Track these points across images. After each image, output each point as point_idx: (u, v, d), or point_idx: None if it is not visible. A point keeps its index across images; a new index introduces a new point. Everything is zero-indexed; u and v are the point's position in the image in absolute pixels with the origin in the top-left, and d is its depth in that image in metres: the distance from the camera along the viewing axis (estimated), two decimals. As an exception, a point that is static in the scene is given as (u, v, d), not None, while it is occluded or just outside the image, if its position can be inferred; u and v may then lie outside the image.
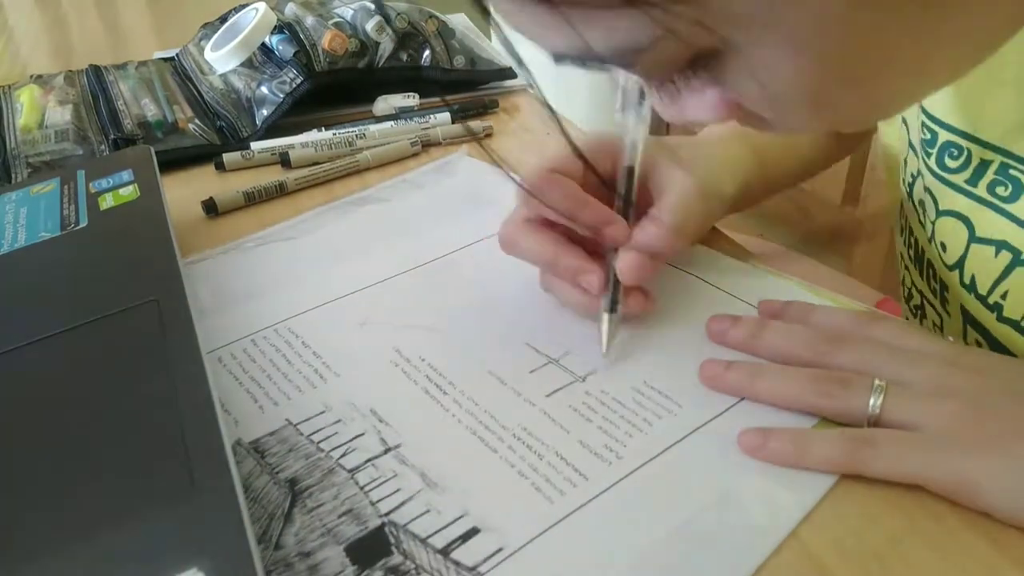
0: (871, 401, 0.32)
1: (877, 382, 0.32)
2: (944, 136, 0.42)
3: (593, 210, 0.39)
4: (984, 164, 0.40)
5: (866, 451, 0.31)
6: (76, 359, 0.36)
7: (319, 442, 0.34)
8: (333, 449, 0.34)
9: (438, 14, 0.73)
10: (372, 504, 0.31)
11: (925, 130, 0.43)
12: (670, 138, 0.48)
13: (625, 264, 0.38)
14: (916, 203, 0.46)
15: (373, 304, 0.43)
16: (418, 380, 0.37)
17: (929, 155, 0.43)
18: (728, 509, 0.30)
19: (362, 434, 0.35)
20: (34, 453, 0.31)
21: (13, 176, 0.58)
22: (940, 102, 0.42)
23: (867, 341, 0.35)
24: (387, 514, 0.31)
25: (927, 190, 0.44)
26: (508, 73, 0.74)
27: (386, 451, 0.34)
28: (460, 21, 0.82)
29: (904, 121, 0.48)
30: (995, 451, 0.29)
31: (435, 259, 0.47)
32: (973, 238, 0.41)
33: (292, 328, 0.41)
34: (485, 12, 0.26)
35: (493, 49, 0.77)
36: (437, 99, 0.70)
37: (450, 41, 0.71)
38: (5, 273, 0.43)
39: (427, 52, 0.70)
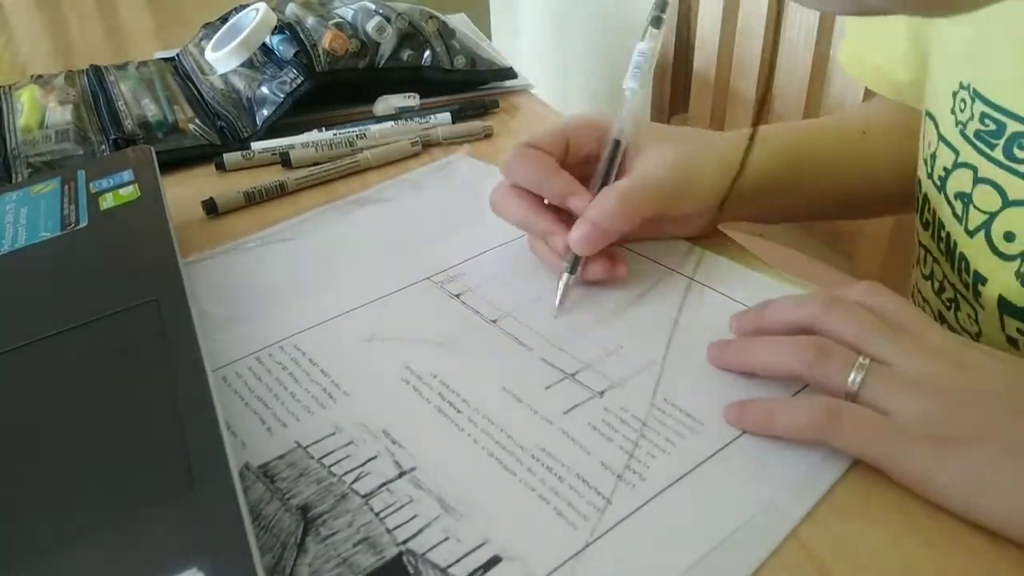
0: (851, 377, 0.32)
1: (861, 360, 0.33)
2: (1014, 127, 0.41)
3: (560, 181, 0.43)
4: None
5: (832, 423, 0.31)
6: (76, 359, 0.36)
7: (330, 466, 0.33)
8: (346, 473, 0.33)
9: (438, 14, 0.73)
10: (388, 532, 0.30)
11: (987, 121, 0.43)
12: (671, 127, 0.49)
13: (574, 234, 0.41)
14: (951, 196, 0.46)
15: (380, 318, 0.42)
16: (431, 398, 0.36)
17: (993, 147, 0.43)
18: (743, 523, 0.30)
19: (375, 457, 0.33)
20: (34, 453, 0.31)
21: (13, 176, 0.58)
22: (1009, 92, 0.42)
23: (861, 308, 0.35)
24: (404, 542, 0.30)
25: (984, 181, 0.43)
26: (508, 73, 0.74)
27: (401, 475, 0.32)
28: (460, 21, 0.82)
29: (929, 115, 0.48)
30: (956, 450, 0.30)
31: (441, 271, 0.46)
32: None
33: (298, 345, 0.40)
34: None
35: (493, 49, 0.77)
36: (437, 99, 0.70)
37: (450, 41, 0.71)
38: (5, 273, 0.43)
39: (427, 52, 0.70)
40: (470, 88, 0.73)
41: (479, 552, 0.29)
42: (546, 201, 0.44)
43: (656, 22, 0.45)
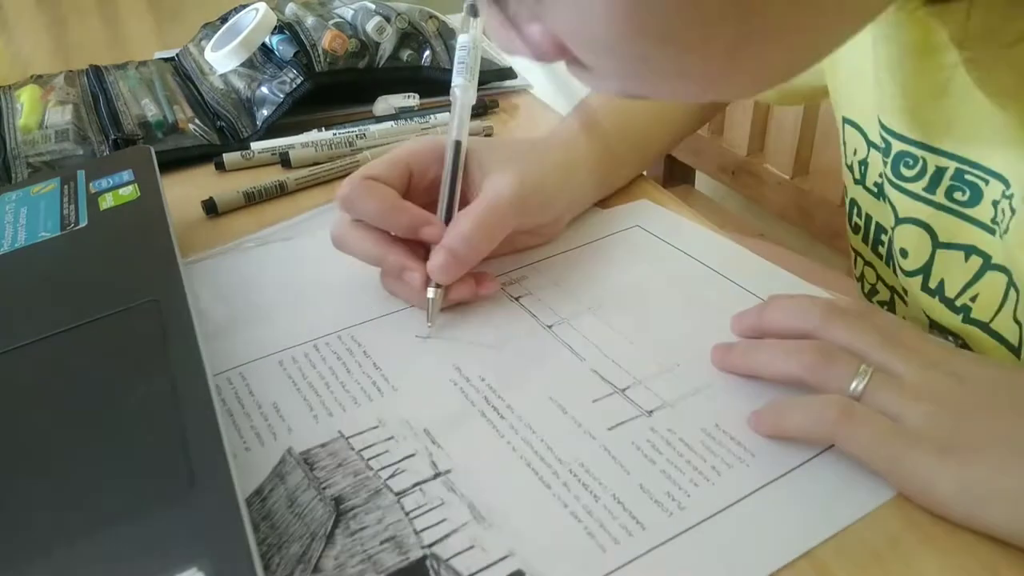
0: (854, 383, 0.32)
1: (863, 367, 0.33)
2: (897, 146, 0.42)
3: (407, 214, 0.41)
4: (940, 171, 0.40)
5: (844, 420, 0.31)
6: (76, 359, 0.36)
7: (369, 459, 0.33)
8: (382, 468, 0.33)
9: (438, 14, 0.73)
10: (416, 533, 0.30)
11: (881, 139, 0.43)
12: (497, 139, 0.48)
13: (433, 264, 0.40)
14: (887, 203, 0.46)
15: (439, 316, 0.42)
16: (476, 401, 0.36)
17: (885, 164, 0.43)
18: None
19: (413, 455, 0.33)
20: (34, 453, 0.31)
21: (13, 176, 0.58)
22: (890, 113, 0.42)
23: (861, 320, 0.35)
24: (430, 545, 0.30)
25: (885, 198, 0.44)
26: (508, 73, 0.74)
27: (436, 476, 0.32)
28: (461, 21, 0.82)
29: (851, 123, 0.48)
30: (956, 459, 0.30)
31: (504, 273, 0.45)
32: (937, 244, 0.41)
33: (355, 336, 0.41)
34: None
35: (493, 49, 0.77)
36: (437, 99, 0.70)
37: (450, 41, 0.71)
38: (5, 273, 0.43)
39: (427, 52, 0.70)
40: (470, 88, 0.73)
41: (502, 564, 0.29)
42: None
43: (472, 11, 0.43)
